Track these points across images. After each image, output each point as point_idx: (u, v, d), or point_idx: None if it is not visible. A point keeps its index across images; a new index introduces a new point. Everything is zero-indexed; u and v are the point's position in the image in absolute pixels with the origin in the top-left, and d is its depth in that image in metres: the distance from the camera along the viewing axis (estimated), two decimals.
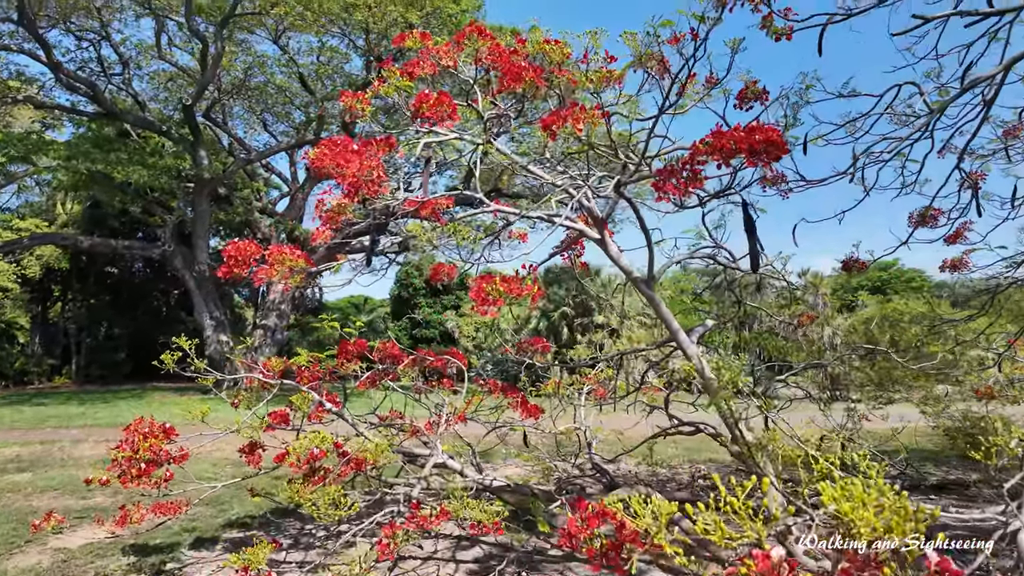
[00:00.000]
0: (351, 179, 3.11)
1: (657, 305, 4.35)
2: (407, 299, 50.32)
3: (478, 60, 3.11)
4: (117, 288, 35.75)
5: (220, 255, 21.85)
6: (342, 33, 17.58)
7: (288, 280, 4.34)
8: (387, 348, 5.56)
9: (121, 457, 3.85)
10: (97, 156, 19.49)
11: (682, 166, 2.68)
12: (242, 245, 4.00)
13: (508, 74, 3.03)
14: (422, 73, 3.39)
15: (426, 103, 2.97)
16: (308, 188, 26.93)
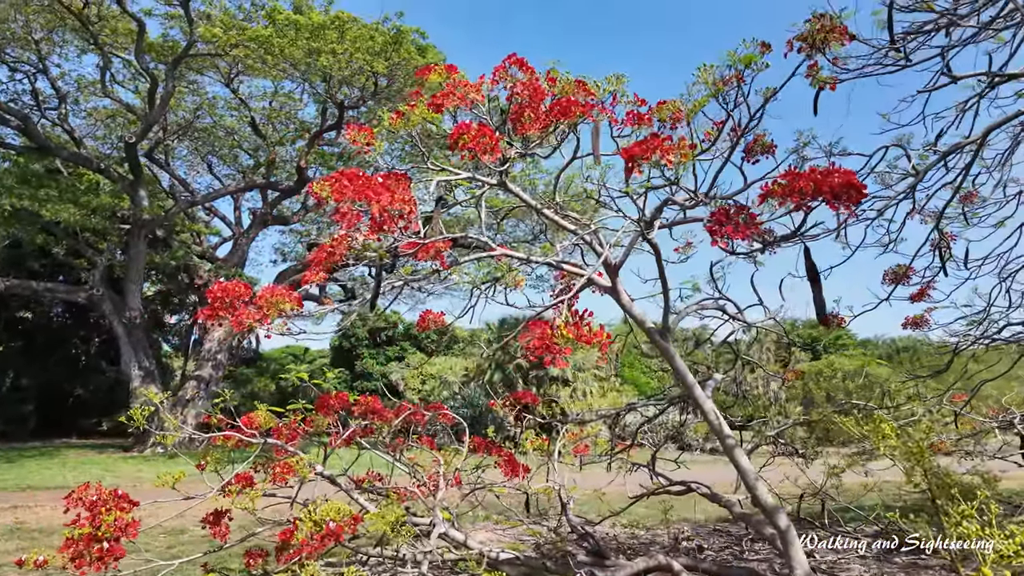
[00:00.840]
0: (380, 213, 2.83)
1: (672, 358, 4.17)
2: (349, 349, 48.69)
3: (513, 94, 2.95)
4: (31, 334, 32.83)
5: (154, 298, 20.48)
6: (302, 78, 17.36)
7: (268, 327, 3.92)
8: (369, 403, 5.12)
9: (78, 535, 3.22)
10: (24, 192, 18.17)
11: (738, 209, 2.57)
12: (229, 285, 3.59)
13: (554, 108, 2.88)
14: (449, 106, 3.20)
15: (467, 134, 2.76)
16: (253, 233, 25.98)
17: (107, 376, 33.74)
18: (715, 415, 4.09)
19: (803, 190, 2.31)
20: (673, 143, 2.55)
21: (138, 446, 21.36)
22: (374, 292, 3.60)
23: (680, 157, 2.49)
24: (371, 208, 2.82)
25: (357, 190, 2.85)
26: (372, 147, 4.00)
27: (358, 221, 3.06)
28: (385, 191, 2.82)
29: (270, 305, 3.59)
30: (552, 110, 2.91)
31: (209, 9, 17.23)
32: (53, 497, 11.45)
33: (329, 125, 20.79)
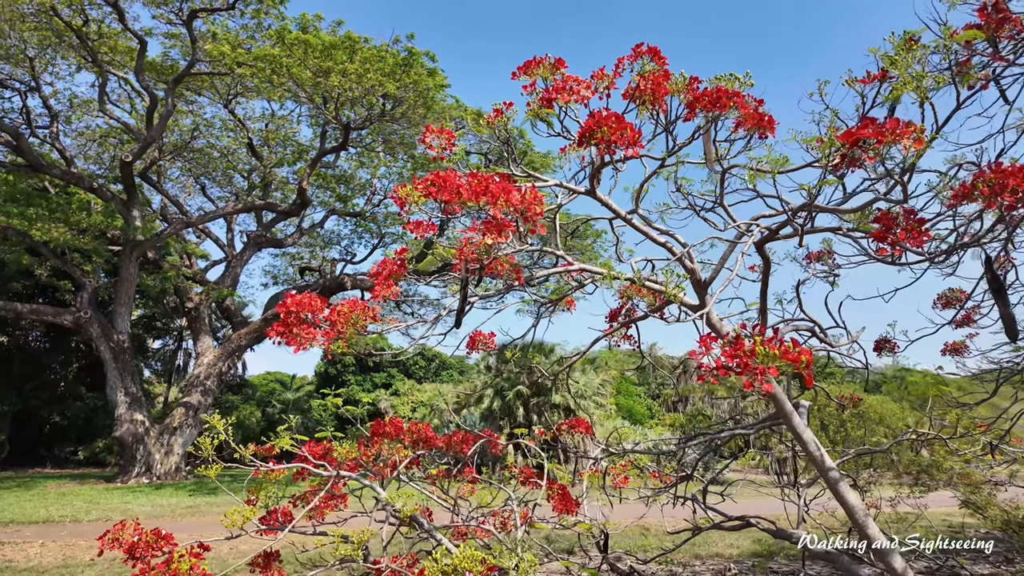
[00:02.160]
0: (513, 214, 2.52)
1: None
2: (335, 376, 47.79)
3: (638, 90, 2.69)
4: (7, 359, 31.63)
5: (137, 323, 19.74)
6: (307, 99, 17.13)
7: (329, 347, 3.56)
8: (421, 429, 4.74)
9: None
10: (12, 210, 17.57)
11: (908, 215, 2.31)
12: (304, 299, 3.24)
13: (701, 99, 2.61)
14: (561, 102, 2.93)
15: (605, 126, 2.49)
16: (247, 255, 25.44)
17: (86, 403, 32.53)
18: (815, 445, 3.79)
19: (1017, 188, 2.06)
20: (901, 126, 2.28)
21: (122, 476, 20.40)
22: (460, 307, 3.26)
23: (914, 142, 2.23)
24: (492, 209, 2.52)
25: (474, 189, 2.55)
26: (449, 152, 3.71)
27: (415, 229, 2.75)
28: (514, 190, 2.52)
29: (348, 322, 3.24)
30: (698, 101, 2.65)
31: (213, 28, 17.03)
32: (40, 532, 10.71)
33: (333, 146, 20.54)
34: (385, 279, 3.82)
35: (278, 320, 3.27)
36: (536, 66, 2.99)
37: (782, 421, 4.00)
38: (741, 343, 1.82)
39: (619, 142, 2.52)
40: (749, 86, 2.74)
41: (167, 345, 41.89)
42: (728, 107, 2.62)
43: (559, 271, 3.99)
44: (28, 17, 18.10)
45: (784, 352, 1.78)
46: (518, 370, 22.08)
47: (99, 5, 17.29)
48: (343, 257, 30.36)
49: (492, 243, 2.50)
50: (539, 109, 2.98)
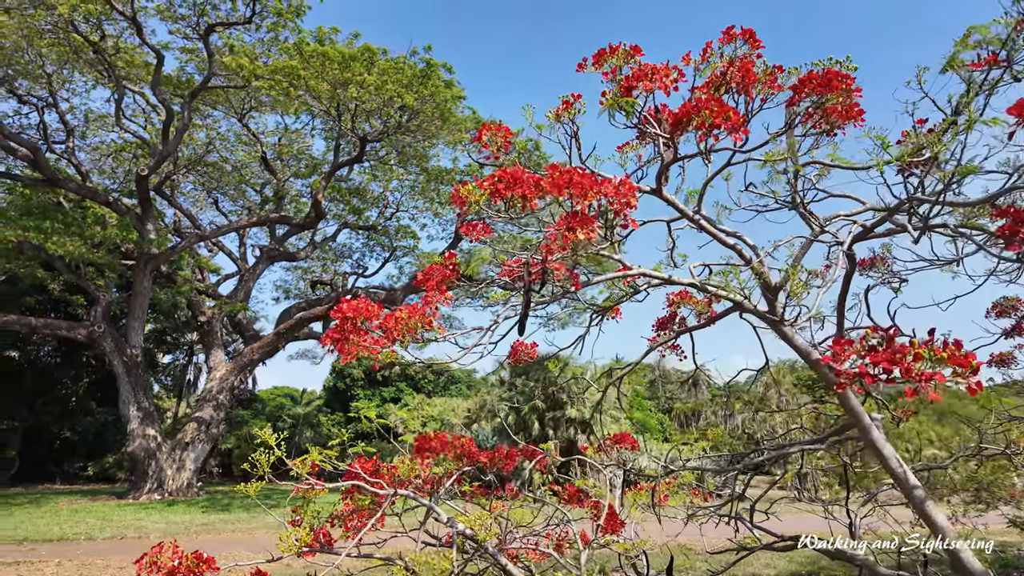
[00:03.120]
0: (602, 207, 2.32)
1: (845, 396, 3.63)
2: (343, 391, 47.47)
3: (724, 76, 2.50)
4: (19, 374, 31.60)
5: (148, 337, 19.47)
6: (324, 111, 17.11)
7: (377, 358, 3.35)
8: (464, 444, 4.51)
9: None
10: (28, 224, 17.56)
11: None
12: (360, 304, 3.04)
13: (807, 83, 2.41)
14: (643, 90, 2.74)
15: (705, 109, 2.29)
16: (259, 269, 25.38)
17: (96, 418, 32.40)
18: (897, 461, 3.53)
19: None
20: None
21: (133, 492, 20.17)
22: (523, 313, 3.05)
23: None
24: (579, 203, 2.32)
25: (557, 182, 2.35)
26: (506, 151, 3.52)
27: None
28: (605, 181, 2.32)
29: (406, 329, 3.03)
30: (806, 84, 2.45)
31: (230, 42, 17.07)
32: (55, 551, 10.49)
33: (348, 159, 20.50)
34: (437, 284, 3.62)
35: (332, 327, 3.07)
36: (611, 55, 2.81)
37: (856, 435, 3.74)
38: (900, 346, 1.60)
39: (723, 127, 2.32)
40: (852, 70, 2.54)
41: (177, 360, 41.85)
42: (838, 90, 2.42)
43: (616, 276, 3.77)
44: (46, 33, 18.21)
45: (951, 356, 1.56)
46: (533, 384, 21.80)
47: (116, 20, 17.38)
48: (355, 271, 30.28)
49: (583, 238, 2.29)
50: (619, 98, 2.79)
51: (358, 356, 3.35)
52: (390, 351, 3.44)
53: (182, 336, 38.85)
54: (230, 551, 10.65)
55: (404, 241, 27.56)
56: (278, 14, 15.70)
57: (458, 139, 18.20)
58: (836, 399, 3.94)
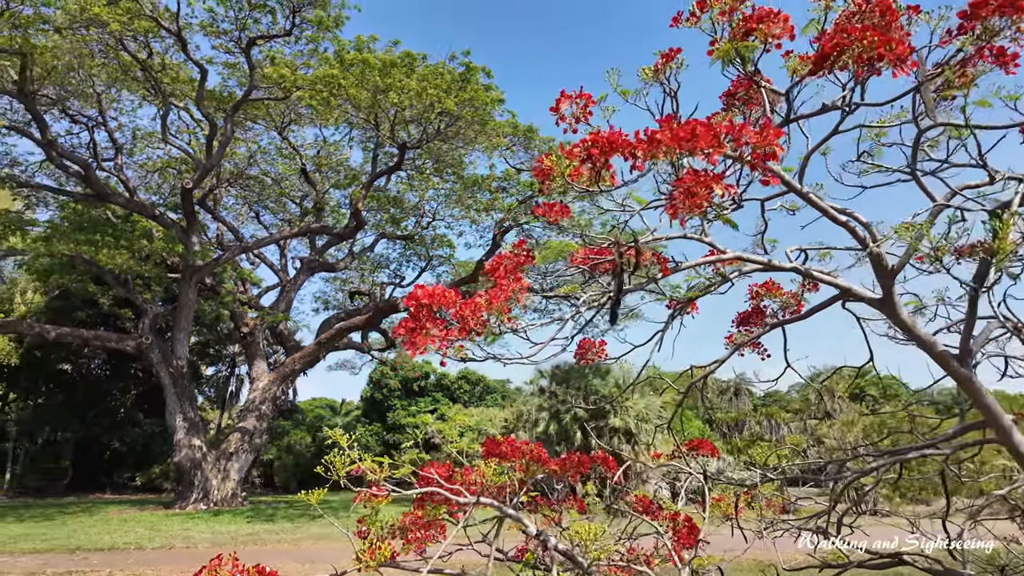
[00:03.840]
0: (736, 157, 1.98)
1: (977, 391, 3.17)
2: (380, 401, 47.62)
3: (871, 14, 2.14)
4: (71, 387, 32.62)
5: (192, 349, 19.62)
6: (364, 119, 17.16)
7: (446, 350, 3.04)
8: (535, 451, 4.16)
9: None
10: (80, 238, 18.02)
11: None
12: (435, 290, 2.74)
13: (988, 5, 2.03)
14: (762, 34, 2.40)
15: (863, 40, 1.94)
16: (300, 280, 25.61)
17: (143, 429, 33.17)
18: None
19: None
20: None
21: (180, 502, 20.38)
22: (615, 300, 2.71)
23: None
24: (709, 158, 1.98)
25: (677, 136, 2.01)
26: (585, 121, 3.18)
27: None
28: (743, 126, 1.98)
29: (482, 320, 2.72)
30: (981, 6, 2.07)
31: (270, 54, 17.31)
32: (106, 560, 10.50)
33: (388, 167, 20.55)
34: (511, 271, 3.30)
35: (404, 318, 2.78)
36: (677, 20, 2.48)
37: (994, 438, 3.27)
38: None
39: (887, 57, 1.96)
40: None
41: (220, 372, 42.68)
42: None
43: (708, 261, 3.39)
44: (96, 54, 18.76)
45: None
46: (575, 392, 21.33)
47: (162, 37, 17.80)
48: (392, 280, 30.37)
49: (721, 193, 1.94)
50: (736, 42, 2.45)
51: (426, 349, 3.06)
52: (459, 346, 3.14)
53: (224, 348, 39.63)
54: (278, 563, 10.50)
55: (440, 250, 27.52)
56: (318, 22, 15.82)
57: (496, 144, 18.04)
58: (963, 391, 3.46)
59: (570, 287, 4.23)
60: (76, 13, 14.62)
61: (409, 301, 2.74)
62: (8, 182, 18.90)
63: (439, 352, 3.12)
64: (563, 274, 3.47)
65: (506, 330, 2.99)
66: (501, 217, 21.18)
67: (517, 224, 21.30)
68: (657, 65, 2.78)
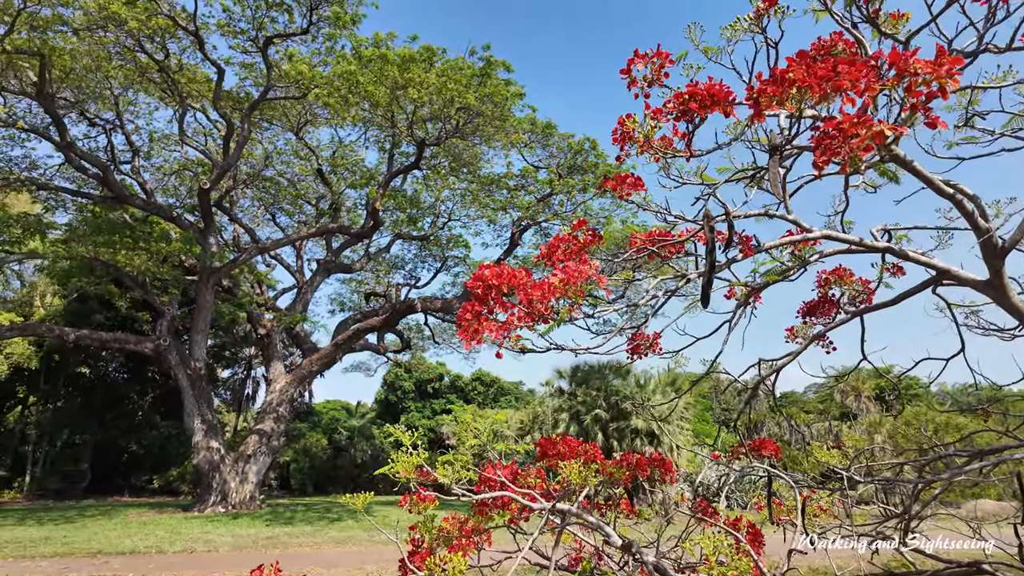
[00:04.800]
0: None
1: None
2: (395, 403, 47.52)
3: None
4: (90, 390, 32.77)
5: (208, 351, 19.36)
6: (382, 117, 16.95)
7: (505, 341, 2.75)
8: (589, 451, 3.86)
9: None
10: (99, 240, 17.97)
11: None
12: (502, 269, 2.45)
13: None
14: None
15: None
16: (317, 281, 25.48)
17: (160, 432, 33.25)
18: None
19: None
20: None
21: (198, 505, 20.26)
22: (707, 279, 2.41)
23: None
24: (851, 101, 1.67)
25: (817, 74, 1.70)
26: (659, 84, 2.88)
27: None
28: (911, 55, 1.65)
29: (561, 297, 2.42)
30: None
31: (289, 51, 17.18)
32: (128, 564, 10.31)
33: (406, 165, 20.35)
34: (575, 254, 3.01)
35: (468, 299, 2.50)
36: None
37: None
38: None
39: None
40: None
41: (236, 374, 42.73)
42: None
43: (793, 240, 3.08)
44: (114, 56, 18.71)
45: None
46: (595, 393, 20.98)
47: (179, 38, 17.72)
48: (407, 282, 30.20)
49: (892, 135, 1.62)
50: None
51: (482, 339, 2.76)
52: (515, 336, 2.84)
53: (240, 351, 39.67)
54: (298, 565, 10.27)
55: (456, 251, 27.31)
56: (336, 19, 15.61)
57: (515, 141, 17.76)
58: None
59: (625, 272, 3.92)
60: (95, 12, 14.53)
61: (474, 283, 2.45)
62: (27, 185, 18.91)
63: (495, 343, 2.83)
64: (631, 257, 3.14)
65: (578, 316, 2.70)
66: (519, 216, 20.90)
67: (535, 223, 21.01)
68: (759, 9, 2.47)
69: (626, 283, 3.97)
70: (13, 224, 17.09)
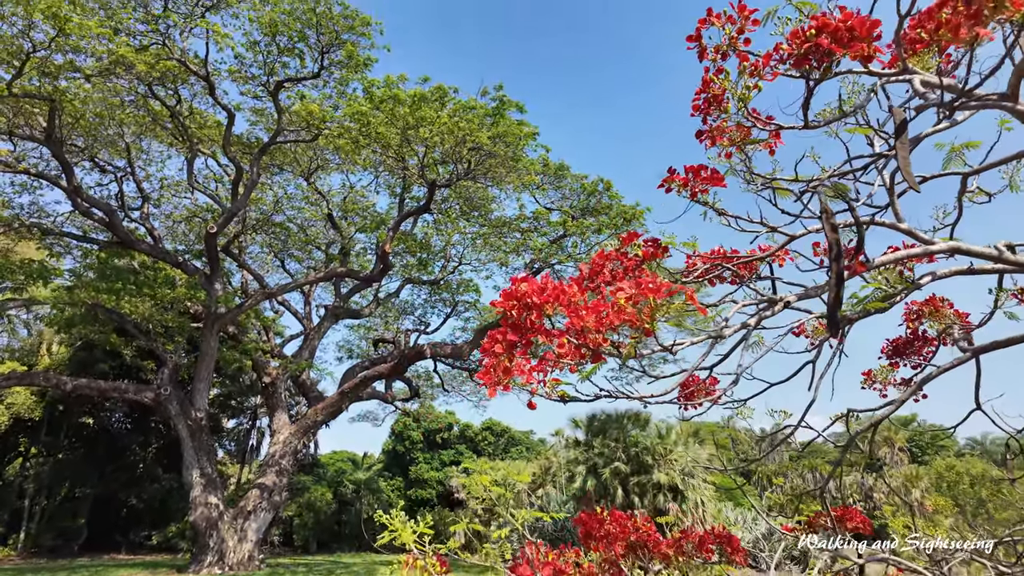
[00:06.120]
0: None
1: None
2: (403, 454, 46.06)
3: None
4: (92, 441, 31.92)
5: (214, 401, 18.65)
6: (394, 158, 16.67)
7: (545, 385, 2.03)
8: (640, 530, 3.07)
9: None
10: (102, 286, 17.54)
11: None
12: (544, 282, 1.76)
13: None
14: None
15: None
16: (324, 327, 24.87)
17: (162, 485, 32.14)
18: None
19: None
20: None
21: (194, 565, 19.08)
22: (834, 297, 1.69)
23: None
24: None
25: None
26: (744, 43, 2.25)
27: None
28: None
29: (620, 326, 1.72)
30: None
31: (301, 92, 17.10)
32: None
33: (417, 207, 20.01)
34: (630, 272, 2.31)
35: (494, 330, 1.79)
36: None
37: None
38: None
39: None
40: None
41: (241, 424, 41.70)
42: None
43: (913, 254, 2.37)
44: (127, 104, 18.74)
45: None
46: (614, 444, 19.88)
47: (191, 84, 17.73)
48: (416, 327, 29.55)
49: None
50: None
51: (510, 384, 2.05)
52: (552, 381, 2.12)
53: (246, 400, 38.79)
54: None
55: (466, 296, 26.75)
56: (348, 58, 15.49)
57: (527, 182, 17.39)
58: None
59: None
60: (105, 57, 14.49)
61: (506, 302, 1.75)
62: (33, 230, 18.67)
63: (525, 388, 2.10)
64: (695, 280, 2.52)
65: (644, 351, 1.99)
66: (532, 258, 20.37)
67: (548, 265, 20.44)
68: None
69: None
70: (16, 270, 16.72)
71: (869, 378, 4.28)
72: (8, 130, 16.38)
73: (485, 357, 1.92)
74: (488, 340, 1.74)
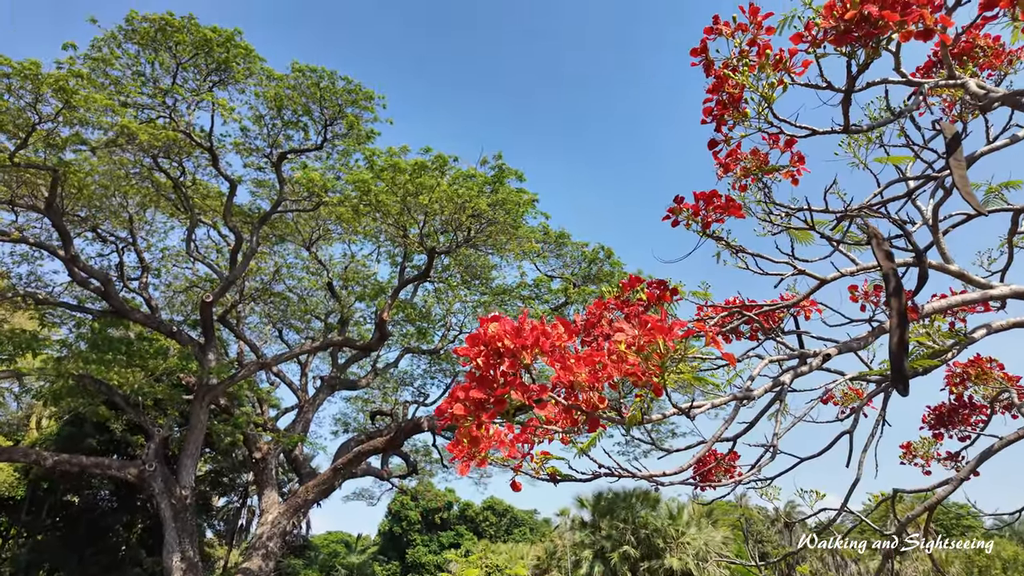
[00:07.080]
0: None
1: None
2: (399, 536, 43.89)
3: None
4: (75, 521, 30.43)
5: (204, 478, 17.77)
6: (394, 226, 16.66)
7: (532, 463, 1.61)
8: None
9: None
10: (91, 357, 17.11)
11: None
12: (520, 323, 1.36)
13: None
14: None
15: None
16: (320, 399, 24.16)
17: (144, 568, 30.36)
18: None
19: None
20: None
21: None
22: (899, 340, 1.27)
23: None
24: None
25: None
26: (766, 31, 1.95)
27: None
28: None
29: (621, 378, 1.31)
30: None
31: (303, 162, 17.33)
32: None
33: (416, 275, 19.84)
34: (639, 316, 1.92)
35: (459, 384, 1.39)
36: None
37: None
38: None
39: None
40: None
41: (232, 503, 39.97)
42: None
43: (970, 300, 1.99)
44: (132, 177, 18.97)
45: None
46: (622, 526, 18.75)
47: (195, 156, 18.01)
48: (415, 399, 28.75)
49: None
50: None
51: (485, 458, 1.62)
52: (540, 455, 1.69)
53: (238, 477, 37.32)
54: None
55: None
56: (350, 127, 15.75)
57: (528, 250, 17.30)
58: None
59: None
60: (112, 132, 14.74)
61: (472, 347, 1.35)
62: (28, 300, 18.44)
63: (508, 463, 1.67)
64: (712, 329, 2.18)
65: (655, 416, 1.57)
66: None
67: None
68: None
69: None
70: (5, 341, 16.35)
71: (909, 451, 3.78)
72: (10, 200, 16.48)
73: (450, 423, 1.51)
74: (447, 398, 1.32)
